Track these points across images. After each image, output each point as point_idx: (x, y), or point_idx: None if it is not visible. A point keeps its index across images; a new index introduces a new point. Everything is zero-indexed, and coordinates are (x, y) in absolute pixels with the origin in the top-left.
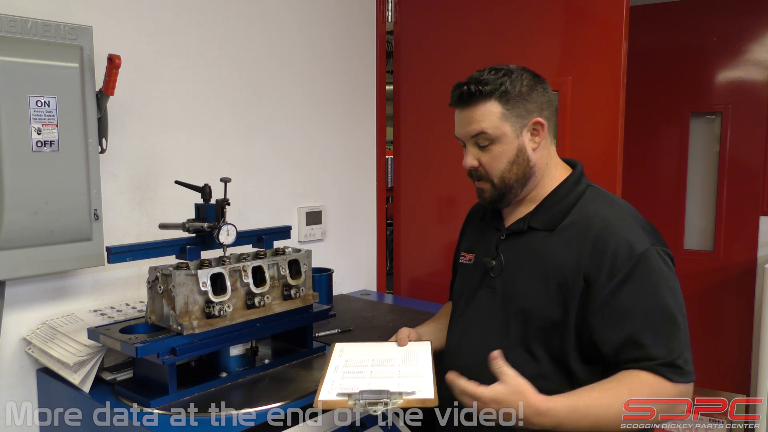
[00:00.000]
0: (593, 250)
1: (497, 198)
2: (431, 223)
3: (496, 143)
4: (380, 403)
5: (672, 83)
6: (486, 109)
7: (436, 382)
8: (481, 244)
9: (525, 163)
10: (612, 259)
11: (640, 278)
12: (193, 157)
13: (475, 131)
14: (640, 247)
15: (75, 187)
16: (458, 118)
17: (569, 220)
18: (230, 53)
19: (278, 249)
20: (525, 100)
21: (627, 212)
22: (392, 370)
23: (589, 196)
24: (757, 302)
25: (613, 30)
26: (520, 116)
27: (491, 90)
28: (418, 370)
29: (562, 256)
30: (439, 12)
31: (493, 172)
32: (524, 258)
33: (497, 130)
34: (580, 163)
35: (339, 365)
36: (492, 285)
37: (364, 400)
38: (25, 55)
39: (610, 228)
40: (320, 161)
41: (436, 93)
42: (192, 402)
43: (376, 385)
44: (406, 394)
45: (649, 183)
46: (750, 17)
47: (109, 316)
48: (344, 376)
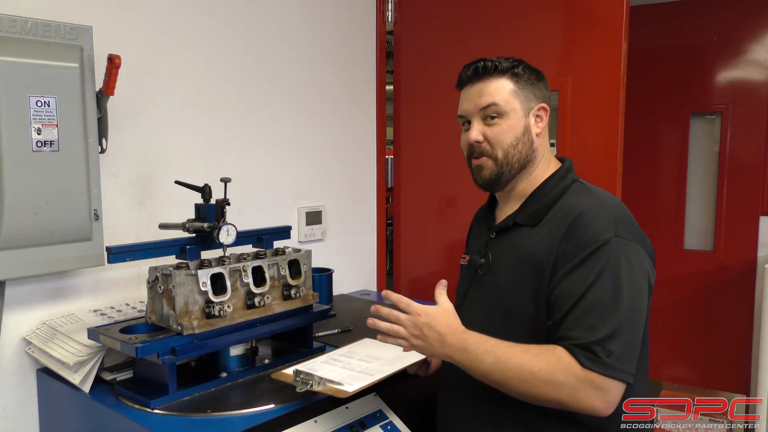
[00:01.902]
0: (568, 237)
1: (496, 177)
2: (431, 223)
3: (504, 117)
4: (306, 383)
5: (672, 83)
6: (499, 84)
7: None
8: (475, 244)
9: (529, 144)
10: (573, 247)
11: (590, 265)
12: (193, 157)
13: (487, 102)
14: (604, 235)
15: (75, 187)
16: (467, 93)
17: (552, 214)
18: (230, 53)
19: (278, 249)
20: (533, 86)
21: (606, 204)
22: (361, 365)
23: (573, 190)
24: (757, 302)
25: (613, 30)
26: (527, 98)
27: (506, 68)
28: (377, 370)
29: (539, 249)
30: (439, 12)
31: (499, 146)
32: (508, 254)
33: (508, 104)
34: (569, 159)
35: (337, 352)
36: (480, 283)
37: (299, 379)
38: (25, 55)
39: (583, 217)
40: (320, 161)
41: (436, 93)
42: (192, 402)
43: (332, 373)
44: (332, 383)
45: (649, 183)
46: (750, 17)
47: (109, 316)
48: (325, 361)
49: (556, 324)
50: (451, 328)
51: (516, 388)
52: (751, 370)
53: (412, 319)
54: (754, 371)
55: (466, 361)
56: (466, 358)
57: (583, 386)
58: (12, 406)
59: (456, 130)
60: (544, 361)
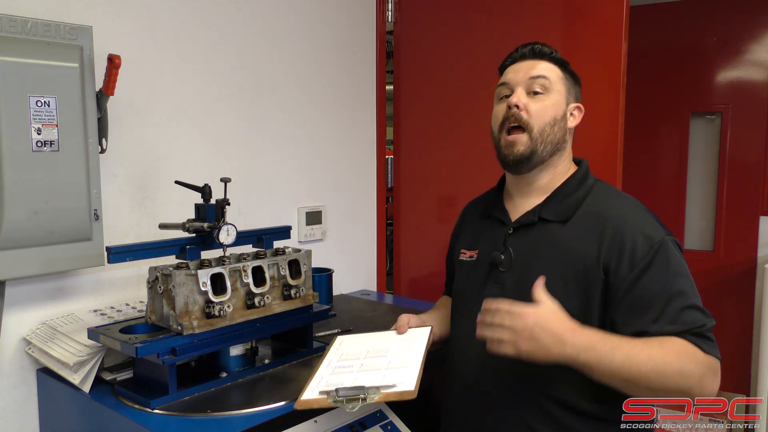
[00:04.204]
0: (612, 242)
1: (529, 153)
2: (431, 223)
3: (550, 94)
4: (357, 399)
5: (672, 83)
6: (551, 66)
7: (422, 373)
8: (485, 239)
9: (564, 131)
10: (631, 251)
11: (660, 265)
12: (193, 157)
13: (538, 74)
14: (657, 236)
15: (75, 187)
16: (517, 66)
17: (582, 213)
18: (230, 53)
19: (278, 249)
20: (575, 86)
21: (639, 205)
22: (383, 362)
23: (598, 191)
24: (757, 302)
25: (613, 30)
26: (570, 92)
27: (559, 59)
28: (407, 359)
29: (581, 247)
30: (439, 12)
31: (537, 121)
32: (538, 250)
33: (556, 84)
34: (585, 160)
35: (333, 359)
36: (500, 280)
37: (342, 397)
38: (25, 55)
39: (626, 220)
40: (320, 161)
41: (436, 93)
42: (192, 402)
43: (361, 379)
44: (385, 387)
45: (649, 183)
46: (750, 17)
47: (109, 316)
48: (334, 371)
49: (651, 322)
50: (567, 326)
51: (648, 383)
52: (751, 370)
53: (518, 322)
54: (754, 371)
55: (593, 360)
56: (594, 357)
57: (707, 372)
58: (12, 406)
59: (456, 130)
60: (672, 352)
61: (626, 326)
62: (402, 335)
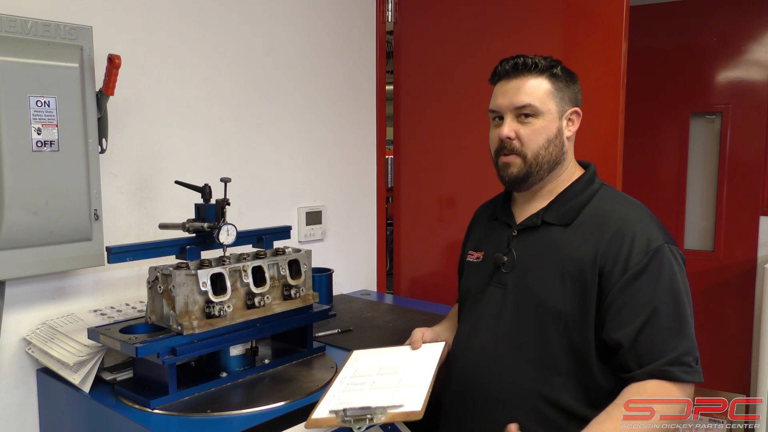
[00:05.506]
0: (610, 244)
1: (524, 176)
2: (431, 223)
3: (539, 117)
4: (364, 419)
5: (672, 83)
6: (537, 83)
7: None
8: (490, 241)
9: (560, 147)
10: (627, 254)
11: (653, 272)
12: (193, 157)
13: (522, 102)
14: (656, 242)
15: (75, 187)
16: (503, 88)
17: (585, 216)
18: (230, 53)
19: (278, 249)
20: (568, 88)
21: (644, 210)
22: (394, 379)
23: (603, 194)
24: (757, 302)
25: (613, 30)
26: (563, 101)
27: (545, 67)
28: (418, 377)
29: (580, 250)
30: (439, 12)
31: (530, 146)
32: (539, 252)
33: (544, 105)
34: (592, 164)
35: (347, 376)
36: (502, 281)
37: (350, 417)
38: (25, 55)
39: (628, 223)
40: (320, 161)
41: (436, 93)
42: (192, 402)
43: (371, 398)
44: (392, 407)
45: (649, 183)
46: (750, 17)
47: (109, 316)
48: (346, 389)
49: (633, 336)
50: None
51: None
52: (751, 370)
53: None
54: (754, 371)
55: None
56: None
57: (686, 403)
58: (12, 406)
59: (456, 130)
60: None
61: (607, 332)
62: (416, 351)
